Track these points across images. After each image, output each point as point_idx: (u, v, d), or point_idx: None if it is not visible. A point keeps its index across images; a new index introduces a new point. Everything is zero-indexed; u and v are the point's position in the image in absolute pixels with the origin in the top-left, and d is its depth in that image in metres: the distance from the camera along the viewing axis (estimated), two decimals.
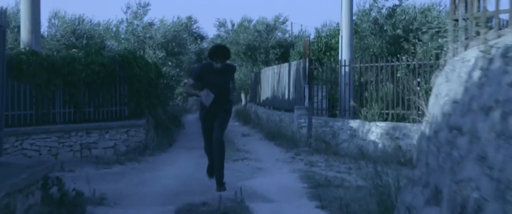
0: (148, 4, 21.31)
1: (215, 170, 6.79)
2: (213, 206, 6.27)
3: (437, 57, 10.14)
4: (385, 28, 16.62)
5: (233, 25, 29.92)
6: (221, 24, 30.26)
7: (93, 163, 9.88)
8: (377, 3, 17.07)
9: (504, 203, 2.47)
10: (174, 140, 13.97)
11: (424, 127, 3.90)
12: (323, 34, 19.90)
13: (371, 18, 16.83)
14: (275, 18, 28.64)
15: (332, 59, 15.96)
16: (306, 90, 13.88)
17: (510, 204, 2.42)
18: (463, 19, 4.46)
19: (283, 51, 26.28)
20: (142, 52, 19.22)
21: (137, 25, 21.16)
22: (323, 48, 17.58)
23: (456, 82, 3.39)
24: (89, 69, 10.88)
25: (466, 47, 3.65)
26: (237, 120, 22.71)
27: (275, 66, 19.11)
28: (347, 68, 13.18)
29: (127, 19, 21.38)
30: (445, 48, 4.85)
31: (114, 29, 21.46)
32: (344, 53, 13.52)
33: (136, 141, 11.42)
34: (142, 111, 12.17)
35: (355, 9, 15.39)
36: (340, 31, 13.92)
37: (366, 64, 12.81)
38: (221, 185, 6.65)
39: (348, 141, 11.78)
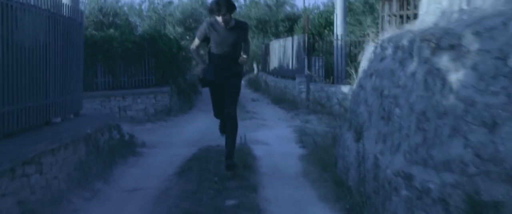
0: None
1: (227, 146, 6.22)
2: (221, 142, 8.64)
3: None
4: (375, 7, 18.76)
5: (245, 0, 32.03)
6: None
7: (129, 122, 12.25)
8: None
9: (370, 119, 4.81)
10: (193, 104, 16.36)
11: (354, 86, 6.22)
12: (324, 10, 22.07)
13: None
14: None
15: (330, 33, 18.17)
16: (306, 60, 16.18)
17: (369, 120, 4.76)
18: (388, 15, 6.73)
19: (291, 24, 28.43)
20: (163, 28, 21.55)
21: (158, 3, 23.49)
22: (323, 23, 19.79)
23: (365, 59, 5.70)
24: (124, 46, 13.25)
25: (376, 37, 5.94)
26: (249, 88, 25.07)
27: (281, 39, 21.35)
28: (340, 42, 15.43)
29: None
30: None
31: (137, 7, 23.81)
32: (338, 29, 15.73)
33: (162, 104, 13.80)
34: (166, 79, 14.49)
35: None
36: (335, 10, 16.15)
37: (356, 39, 15.07)
38: (230, 165, 6.11)
39: (339, 103, 14.09)
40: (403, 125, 3.97)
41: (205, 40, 6.22)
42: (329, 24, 19.65)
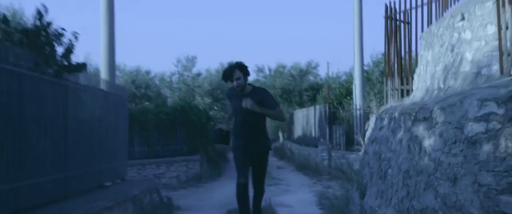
0: (195, 57, 25.25)
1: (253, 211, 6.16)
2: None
3: None
4: None
5: (270, 70, 33.44)
6: (260, 70, 33.88)
7: (163, 188, 13.31)
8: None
9: (371, 179, 5.77)
10: (222, 171, 17.37)
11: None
12: (345, 80, 23.23)
13: (381, 68, 20.12)
14: (307, 64, 32.13)
15: (351, 102, 19.24)
16: (327, 129, 17.21)
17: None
18: (391, 89, 7.79)
19: (314, 94, 29.60)
20: (192, 99, 22.89)
21: (187, 76, 24.98)
22: (344, 93, 20.88)
23: (370, 128, 6.72)
24: (158, 117, 14.47)
25: (380, 108, 6.97)
26: (275, 155, 26.04)
27: (304, 109, 22.47)
28: (359, 112, 16.47)
29: (178, 71, 25.25)
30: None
31: (168, 79, 25.31)
32: (357, 99, 16.81)
33: (193, 172, 14.85)
34: (197, 148, 15.60)
35: (369, 60, 18.73)
36: (354, 81, 17.28)
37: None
38: None
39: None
40: (394, 182, 4.93)
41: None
42: (350, 93, 20.73)
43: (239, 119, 5.88)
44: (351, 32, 17.10)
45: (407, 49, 7.27)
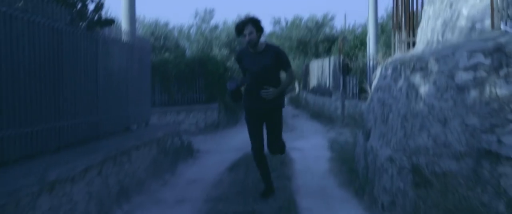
0: (213, 10, 25.77)
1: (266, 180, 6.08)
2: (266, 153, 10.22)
3: None
4: None
5: (286, 22, 33.73)
6: (276, 22, 34.19)
7: (183, 134, 14.01)
8: None
9: (375, 123, 6.33)
10: (238, 119, 18.03)
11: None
12: (360, 32, 23.52)
13: None
14: (324, 16, 32.37)
15: (364, 54, 19.63)
16: (341, 79, 17.70)
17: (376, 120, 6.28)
18: (398, 41, 8.25)
19: (330, 45, 29.94)
20: (210, 50, 23.40)
21: (205, 28, 25.43)
22: (358, 44, 21.26)
23: (376, 78, 7.23)
24: (177, 68, 15.06)
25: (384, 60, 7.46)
26: (291, 105, 26.66)
27: (319, 60, 22.91)
28: (372, 62, 16.89)
29: (196, 23, 25.72)
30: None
31: (186, 31, 25.80)
32: (371, 50, 17.21)
33: (211, 119, 15.52)
34: (214, 97, 16.22)
35: (383, 13, 18.98)
36: (368, 32, 17.64)
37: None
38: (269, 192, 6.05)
39: None
40: (393, 125, 5.49)
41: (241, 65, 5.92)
42: (364, 44, 21.08)
43: (252, 79, 5.67)
44: None
45: (414, 3, 7.71)
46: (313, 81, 23.83)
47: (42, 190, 3.96)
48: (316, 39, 31.13)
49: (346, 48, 20.16)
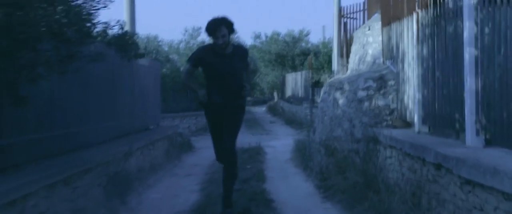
0: (200, 28, 28.74)
1: (224, 192, 5.63)
2: (244, 147, 13.33)
3: None
4: None
5: (266, 37, 36.96)
6: (257, 36, 37.40)
7: (178, 136, 17.13)
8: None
9: (318, 123, 9.53)
10: None
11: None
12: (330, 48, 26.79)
13: None
14: (300, 31, 35.65)
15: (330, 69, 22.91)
16: (310, 90, 20.97)
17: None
18: (341, 65, 11.47)
19: (305, 59, 33.19)
20: None
21: (193, 43, 28.57)
22: (327, 59, 24.54)
23: (322, 92, 10.43)
24: (173, 80, 18.18)
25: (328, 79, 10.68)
26: (269, 112, 29.86)
27: (293, 73, 26.16)
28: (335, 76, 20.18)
29: (185, 39, 28.86)
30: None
31: (176, 46, 28.93)
32: (335, 65, 20.46)
33: (201, 123, 18.64)
34: None
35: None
36: (333, 49, 20.93)
37: None
38: (228, 207, 5.59)
39: None
40: (325, 124, 8.67)
41: (197, 66, 5.63)
42: (330, 60, 24.36)
43: (217, 81, 5.48)
44: None
45: (349, 39, 10.98)
46: (288, 92, 27.07)
47: (132, 153, 7.08)
48: (293, 52, 34.38)
49: (316, 63, 23.41)
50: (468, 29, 4.79)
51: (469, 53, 4.80)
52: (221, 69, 5.47)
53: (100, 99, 7.40)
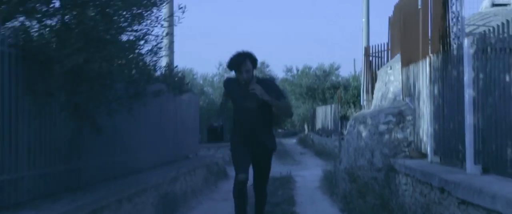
0: None
1: None
2: (275, 176, 14.21)
3: None
4: None
5: (297, 70, 37.99)
6: (288, 70, 38.47)
7: (215, 165, 18.12)
8: None
9: (344, 153, 10.40)
10: None
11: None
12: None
13: None
14: (330, 65, 36.60)
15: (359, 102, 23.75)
16: (339, 123, 21.81)
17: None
18: (365, 100, 12.35)
19: (335, 92, 34.06)
20: None
21: (226, 76, 29.77)
22: (356, 93, 25.39)
23: (348, 125, 11.31)
24: (208, 113, 19.26)
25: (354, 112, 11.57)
26: (299, 144, 30.70)
27: (323, 106, 27.05)
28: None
29: (219, 73, 30.05)
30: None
31: (210, 80, 30.13)
32: (364, 100, 21.31)
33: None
34: None
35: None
36: (361, 84, 21.82)
37: None
38: None
39: None
40: (349, 154, 9.55)
41: (228, 97, 5.68)
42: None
43: (242, 114, 5.33)
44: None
45: (374, 76, 11.88)
46: (318, 124, 27.94)
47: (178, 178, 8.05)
48: (323, 86, 35.31)
49: (345, 97, 24.28)
50: (468, 73, 5.68)
51: (468, 94, 5.68)
52: (246, 103, 5.28)
53: (151, 130, 8.43)
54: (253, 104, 5.24)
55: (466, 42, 5.74)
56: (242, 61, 5.26)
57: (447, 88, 6.58)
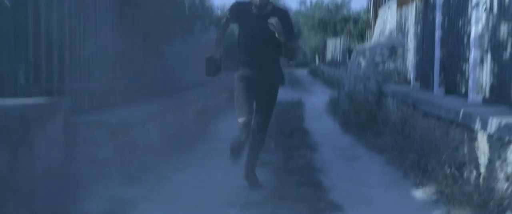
0: None
1: (249, 163, 5.20)
2: (287, 101, 16.10)
3: None
4: None
5: (311, 3, 39.41)
6: (302, 2, 39.96)
7: None
8: None
9: (347, 80, 12.31)
10: None
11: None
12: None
13: None
14: None
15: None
16: (347, 55, 23.59)
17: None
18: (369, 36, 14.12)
19: (346, 25, 35.61)
20: None
21: None
22: (365, 27, 26.99)
23: (352, 56, 13.15)
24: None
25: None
26: (310, 74, 32.60)
27: (334, 39, 28.74)
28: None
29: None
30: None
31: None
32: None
33: None
34: None
35: None
36: (369, 17, 23.44)
37: None
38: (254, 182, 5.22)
39: None
40: (350, 81, 11.43)
41: (233, 20, 5.14)
42: (370, 27, 26.83)
43: (250, 44, 4.89)
44: None
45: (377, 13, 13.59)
46: (328, 56, 29.71)
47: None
48: (335, 19, 36.84)
49: (355, 30, 25.92)
50: (438, 18, 7.48)
51: (437, 34, 7.50)
52: (257, 33, 4.85)
53: (190, 58, 10.33)
54: (266, 35, 4.74)
55: None
56: None
57: (426, 28, 8.38)
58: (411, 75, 9.35)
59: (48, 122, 4.19)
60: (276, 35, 4.69)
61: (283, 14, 5.01)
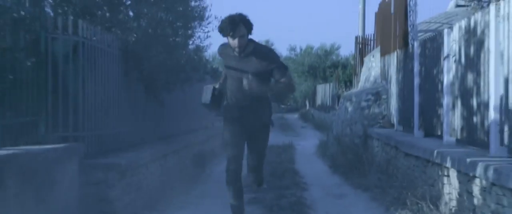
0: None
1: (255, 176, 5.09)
2: (279, 144, 16.70)
3: None
4: None
5: (301, 49, 40.39)
6: (292, 49, 40.88)
7: None
8: None
9: (336, 125, 12.91)
10: None
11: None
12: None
13: None
14: (331, 45, 39.01)
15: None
16: (336, 100, 24.30)
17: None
18: (356, 81, 14.82)
19: (335, 71, 36.48)
20: None
21: None
22: (353, 72, 27.81)
23: (340, 102, 13.79)
24: None
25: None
26: (301, 119, 33.25)
27: (323, 84, 29.50)
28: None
29: None
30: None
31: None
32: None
33: None
34: None
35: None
36: (356, 61, 24.24)
37: None
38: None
39: None
40: (337, 125, 12.03)
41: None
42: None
43: (235, 84, 4.71)
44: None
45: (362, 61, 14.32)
46: (318, 101, 30.43)
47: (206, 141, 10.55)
48: (324, 65, 37.75)
49: (344, 76, 26.70)
50: (416, 66, 8.15)
51: (416, 81, 8.15)
52: (239, 74, 4.64)
53: (184, 105, 10.91)
54: (248, 74, 4.54)
55: (415, 44, 8.22)
56: (235, 26, 4.55)
57: (406, 76, 9.04)
58: (394, 119, 9.96)
59: (67, 164, 4.73)
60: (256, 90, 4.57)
61: (266, 50, 4.88)
